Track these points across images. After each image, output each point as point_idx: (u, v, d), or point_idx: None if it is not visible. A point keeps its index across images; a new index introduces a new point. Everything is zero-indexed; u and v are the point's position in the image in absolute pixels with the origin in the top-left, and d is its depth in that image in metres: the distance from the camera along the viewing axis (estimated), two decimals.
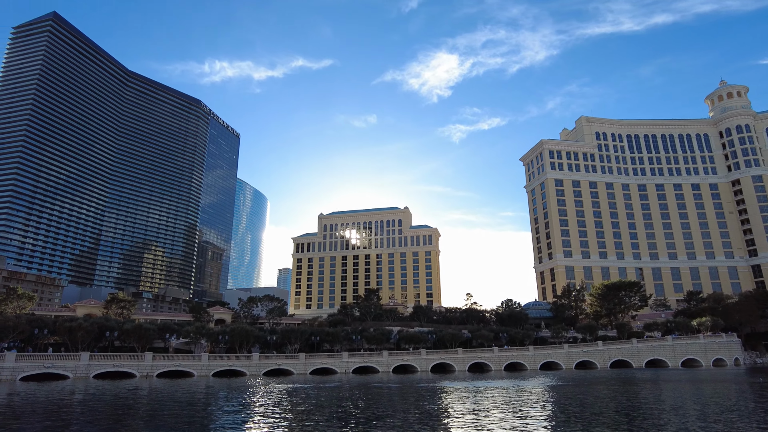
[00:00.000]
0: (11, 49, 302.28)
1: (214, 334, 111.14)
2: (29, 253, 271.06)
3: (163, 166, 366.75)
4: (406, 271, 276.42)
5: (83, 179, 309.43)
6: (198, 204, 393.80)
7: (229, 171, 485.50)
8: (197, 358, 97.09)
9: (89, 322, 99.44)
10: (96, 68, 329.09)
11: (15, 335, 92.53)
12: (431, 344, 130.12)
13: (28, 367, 78.44)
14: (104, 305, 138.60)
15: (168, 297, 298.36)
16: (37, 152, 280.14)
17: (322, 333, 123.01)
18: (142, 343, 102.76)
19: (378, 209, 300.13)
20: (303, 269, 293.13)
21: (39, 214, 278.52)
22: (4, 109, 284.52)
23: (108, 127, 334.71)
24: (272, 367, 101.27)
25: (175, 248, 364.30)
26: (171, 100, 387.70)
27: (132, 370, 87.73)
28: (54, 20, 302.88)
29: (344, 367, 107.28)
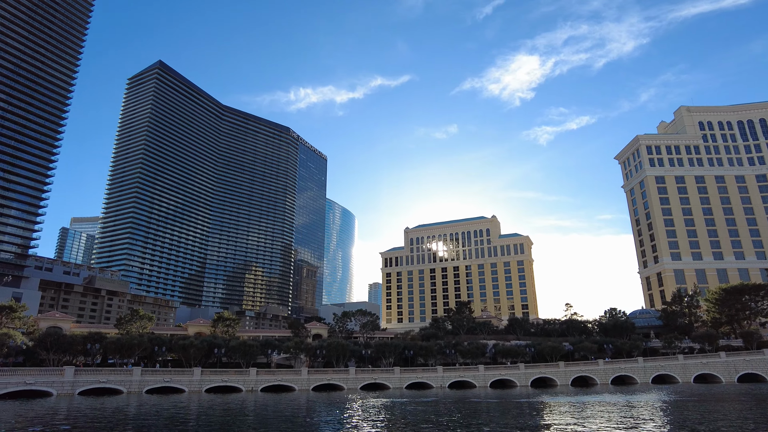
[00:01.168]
0: (127, 98, 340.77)
1: (312, 349, 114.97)
2: (147, 277, 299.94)
3: (259, 191, 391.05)
4: (498, 282, 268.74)
5: (189, 208, 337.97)
6: (292, 225, 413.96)
7: (318, 192, 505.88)
8: (297, 372, 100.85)
9: (200, 340, 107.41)
10: (196, 106, 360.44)
11: (139, 352, 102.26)
12: (530, 358, 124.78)
13: (152, 381, 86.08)
14: (212, 324, 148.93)
15: (268, 314, 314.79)
16: (150, 186, 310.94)
17: (416, 347, 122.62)
18: (247, 359, 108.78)
19: (464, 220, 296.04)
20: (392, 283, 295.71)
21: (154, 243, 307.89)
22: (123, 151, 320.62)
23: (208, 158, 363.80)
24: (368, 381, 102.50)
25: (273, 268, 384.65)
26: (263, 130, 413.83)
27: (239, 384, 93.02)
28: (159, 68, 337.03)
29: (440, 382, 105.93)
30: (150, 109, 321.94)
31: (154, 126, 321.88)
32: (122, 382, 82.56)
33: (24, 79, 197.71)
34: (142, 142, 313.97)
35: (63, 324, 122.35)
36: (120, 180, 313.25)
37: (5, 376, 72.06)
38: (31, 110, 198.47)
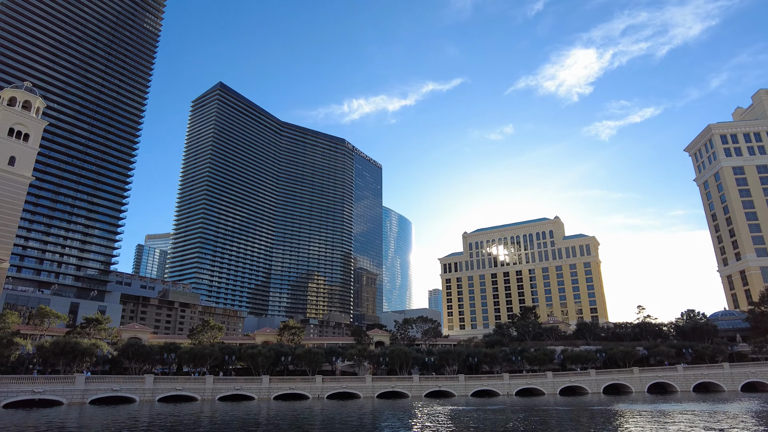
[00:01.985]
0: (192, 119, 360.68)
1: (375, 356, 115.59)
2: (216, 289, 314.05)
3: (318, 202, 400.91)
4: (563, 285, 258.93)
5: (253, 221, 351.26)
6: (351, 234, 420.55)
7: (374, 200, 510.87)
8: (361, 380, 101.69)
9: (267, 348, 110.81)
10: (255, 123, 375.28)
11: (211, 361, 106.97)
12: (600, 364, 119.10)
13: (223, 389, 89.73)
14: (278, 332, 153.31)
15: (331, 322, 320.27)
16: (216, 202, 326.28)
17: (480, 354, 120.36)
18: (312, 367, 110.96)
19: (525, 222, 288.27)
20: (452, 289, 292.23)
21: (221, 256, 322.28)
22: (190, 170, 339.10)
23: (269, 173, 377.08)
24: (432, 388, 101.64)
25: (334, 276, 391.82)
26: (319, 143, 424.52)
27: (305, 392, 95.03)
28: (220, 89, 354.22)
29: (506, 389, 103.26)
30: (213, 129, 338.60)
31: (218, 145, 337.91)
32: (197, 390, 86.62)
33: (102, 112, 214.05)
34: (207, 160, 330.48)
35: (142, 335, 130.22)
36: (188, 197, 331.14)
37: (96, 382, 77.64)
38: (110, 138, 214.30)
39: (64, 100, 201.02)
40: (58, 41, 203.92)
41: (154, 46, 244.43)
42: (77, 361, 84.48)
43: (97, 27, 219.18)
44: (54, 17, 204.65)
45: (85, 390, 75.23)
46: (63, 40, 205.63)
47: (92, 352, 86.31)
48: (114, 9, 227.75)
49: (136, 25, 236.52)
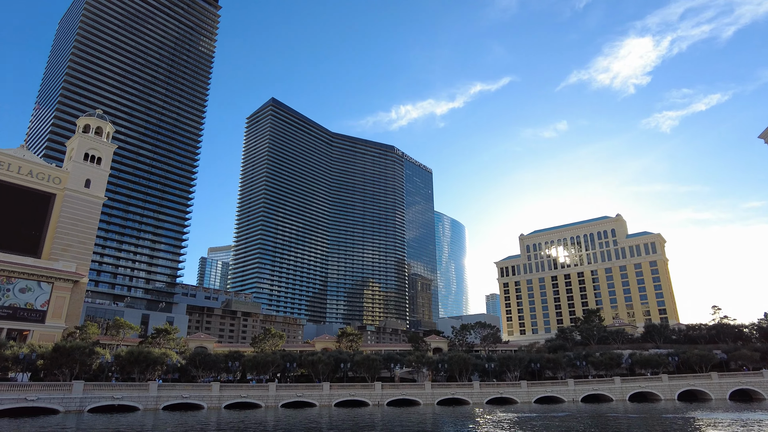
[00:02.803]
0: (247, 135, 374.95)
1: (433, 363, 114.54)
2: (276, 298, 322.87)
3: (370, 209, 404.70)
4: (629, 286, 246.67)
5: (309, 231, 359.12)
6: (403, 240, 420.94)
7: (426, 205, 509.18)
8: (421, 387, 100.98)
9: (326, 355, 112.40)
10: (307, 136, 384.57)
11: (273, 368, 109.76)
12: (673, 368, 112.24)
13: (286, 396, 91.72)
14: (336, 339, 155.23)
15: (388, 329, 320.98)
16: (273, 214, 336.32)
17: (542, 359, 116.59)
18: (371, 373, 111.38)
19: (585, 221, 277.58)
20: (511, 293, 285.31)
21: (280, 265, 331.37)
22: (247, 184, 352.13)
23: (322, 183, 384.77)
24: (494, 395, 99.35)
25: (389, 283, 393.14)
26: (369, 151, 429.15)
27: (365, 398, 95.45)
28: (273, 105, 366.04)
29: (571, 396, 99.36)
30: (268, 144, 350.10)
31: (273, 158, 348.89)
32: (260, 397, 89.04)
33: (164, 133, 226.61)
34: (263, 174, 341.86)
35: (207, 344, 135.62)
36: (247, 210, 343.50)
37: (167, 390, 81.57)
38: (172, 158, 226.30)
39: (130, 123, 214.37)
40: (124, 70, 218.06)
41: (209, 68, 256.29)
42: (150, 369, 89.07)
43: (157, 54, 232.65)
44: (120, 49, 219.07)
45: (158, 397, 79.16)
46: (128, 69, 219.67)
47: (163, 361, 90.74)
48: (172, 36, 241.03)
49: (192, 49, 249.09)
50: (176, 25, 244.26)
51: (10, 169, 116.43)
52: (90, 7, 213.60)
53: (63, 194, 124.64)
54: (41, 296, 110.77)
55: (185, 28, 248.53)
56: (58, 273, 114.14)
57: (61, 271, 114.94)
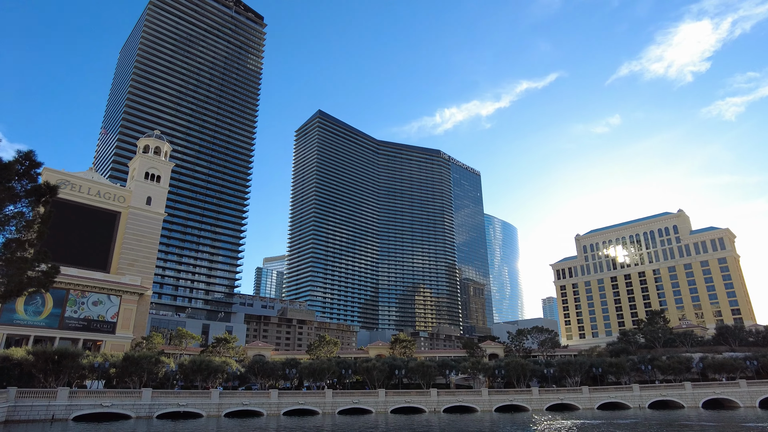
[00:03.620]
0: (296, 148, 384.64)
1: (490, 369, 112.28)
2: (329, 305, 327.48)
3: (418, 215, 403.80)
4: (695, 285, 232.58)
5: (358, 238, 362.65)
6: (453, 244, 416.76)
7: (475, 208, 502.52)
8: (478, 393, 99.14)
9: (381, 362, 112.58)
10: (354, 145, 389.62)
11: (329, 375, 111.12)
12: (752, 373, 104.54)
13: (342, 403, 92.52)
14: (390, 346, 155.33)
15: (441, 334, 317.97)
16: (324, 223, 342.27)
17: (604, 364, 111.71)
18: (426, 380, 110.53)
19: (644, 218, 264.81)
20: (568, 296, 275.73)
21: (332, 273, 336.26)
22: (298, 195, 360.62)
23: (369, 191, 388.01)
24: (554, 401, 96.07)
25: (440, 288, 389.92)
26: (414, 156, 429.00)
27: (421, 405, 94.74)
28: (320, 117, 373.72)
29: (637, 402, 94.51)
30: (316, 155, 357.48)
31: (321, 169, 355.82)
32: (317, 404, 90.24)
33: (218, 150, 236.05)
34: (313, 184, 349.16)
35: (265, 352, 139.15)
36: (298, 220, 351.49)
37: (228, 397, 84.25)
38: (226, 173, 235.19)
39: (186, 142, 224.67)
40: (179, 92, 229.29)
41: (257, 84, 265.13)
42: (211, 377, 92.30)
43: (209, 74, 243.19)
44: (175, 72, 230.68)
45: (219, 404, 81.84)
46: (183, 90, 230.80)
47: (223, 369, 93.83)
48: (221, 56, 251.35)
49: (240, 67, 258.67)
50: (225, 46, 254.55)
51: (81, 190, 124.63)
52: (147, 35, 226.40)
53: (127, 212, 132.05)
54: (111, 308, 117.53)
55: (234, 48, 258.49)
56: (126, 286, 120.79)
57: (128, 285, 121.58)
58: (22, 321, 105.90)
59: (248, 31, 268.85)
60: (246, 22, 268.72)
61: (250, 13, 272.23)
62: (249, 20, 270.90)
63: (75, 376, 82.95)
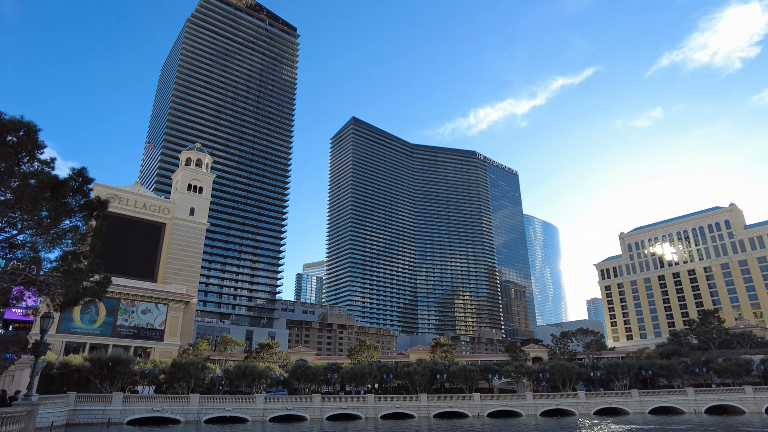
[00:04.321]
0: (332, 155, 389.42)
1: (534, 373, 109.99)
2: (368, 310, 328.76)
3: (455, 217, 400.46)
4: (752, 283, 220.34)
5: (395, 242, 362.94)
6: (492, 246, 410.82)
7: (514, 209, 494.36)
8: (521, 397, 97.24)
9: (422, 366, 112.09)
10: (388, 150, 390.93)
11: (370, 380, 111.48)
12: None
13: (384, 408, 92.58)
14: (430, 350, 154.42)
15: (483, 338, 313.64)
16: (360, 228, 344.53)
17: (654, 366, 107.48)
18: (468, 384, 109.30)
19: (692, 214, 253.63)
20: (614, 297, 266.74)
21: (370, 278, 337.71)
22: (335, 202, 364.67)
23: (404, 195, 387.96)
24: (602, 405, 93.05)
25: (480, 291, 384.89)
26: (449, 158, 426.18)
27: (464, 410, 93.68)
28: (354, 124, 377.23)
29: (692, 406, 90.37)
30: (351, 162, 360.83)
31: (357, 175, 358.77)
32: (360, 409, 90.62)
33: (257, 160, 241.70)
34: (349, 190, 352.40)
35: (307, 357, 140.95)
36: (336, 226, 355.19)
37: (272, 402, 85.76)
38: (265, 182, 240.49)
39: (226, 153, 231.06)
40: (217, 105, 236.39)
41: (292, 94, 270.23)
42: (256, 382, 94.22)
43: (245, 86, 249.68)
44: (214, 86, 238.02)
45: (264, 409, 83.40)
46: (221, 103, 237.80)
47: (267, 374, 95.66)
48: (257, 68, 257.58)
49: (276, 78, 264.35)
50: (260, 58, 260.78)
51: (128, 203, 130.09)
52: (186, 51, 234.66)
53: (172, 223, 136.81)
54: (159, 317, 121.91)
55: (269, 60, 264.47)
56: (172, 295, 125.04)
57: (174, 293, 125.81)
58: (78, 329, 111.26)
59: (282, 43, 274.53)
60: (279, 34, 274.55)
61: (284, 25, 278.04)
62: (282, 32, 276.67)
63: (127, 381, 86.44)
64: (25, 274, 32.31)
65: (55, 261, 33.88)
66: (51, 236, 32.16)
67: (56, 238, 32.48)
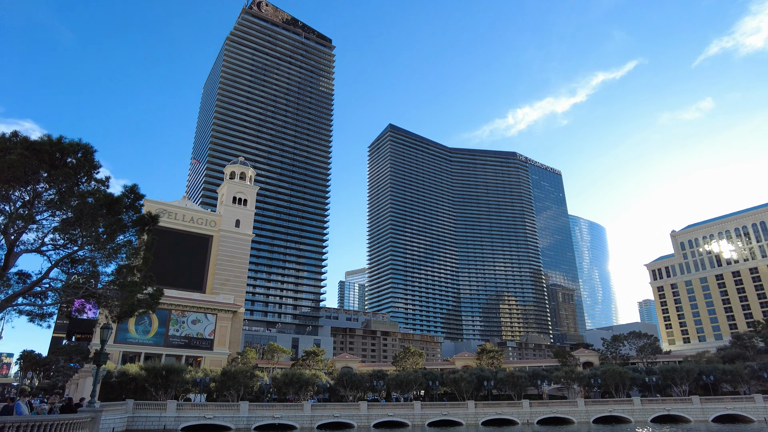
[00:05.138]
0: (370, 162, 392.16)
1: (584, 378, 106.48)
2: (411, 316, 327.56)
3: (497, 220, 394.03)
4: None
5: (436, 247, 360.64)
6: (537, 249, 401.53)
7: (558, 210, 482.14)
8: (573, 404, 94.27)
9: (468, 373, 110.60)
10: (425, 155, 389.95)
11: (416, 387, 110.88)
12: None
13: (431, 415, 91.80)
14: (476, 356, 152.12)
15: (530, 344, 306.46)
16: (400, 235, 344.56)
17: (716, 371, 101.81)
18: (517, 391, 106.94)
19: (751, 209, 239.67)
20: (668, 298, 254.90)
21: (412, 284, 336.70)
22: (374, 209, 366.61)
23: (444, 199, 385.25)
24: (659, 413, 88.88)
25: (526, 295, 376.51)
26: (489, 161, 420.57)
27: (513, 417, 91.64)
28: (391, 131, 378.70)
29: (761, 414, 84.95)
30: (389, 169, 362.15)
31: (395, 181, 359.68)
32: (406, 416, 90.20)
33: (297, 171, 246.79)
34: (387, 197, 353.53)
35: (352, 364, 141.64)
36: (376, 233, 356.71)
37: (320, 409, 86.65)
38: (306, 192, 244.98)
39: (268, 165, 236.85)
40: (258, 119, 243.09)
41: (330, 105, 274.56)
42: (303, 390, 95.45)
43: (284, 100, 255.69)
44: (254, 101, 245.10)
45: (312, 416, 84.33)
46: (262, 117, 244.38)
47: (313, 381, 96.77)
48: (295, 81, 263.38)
49: (313, 90, 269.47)
50: (298, 71, 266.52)
51: (176, 217, 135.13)
52: (227, 68, 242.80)
53: (218, 235, 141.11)
54: (208, 326, 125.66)
55: (306, 72, 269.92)
56: (220, 305, 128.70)
57: (223, 303, 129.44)
58: (133, 340, 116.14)
59: (318, 55, 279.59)
60: (315, 47, 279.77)
61: (319, 38, 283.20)
62: (318, 44, 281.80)
63: (180, 389, 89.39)
64: (85, 287, 34.12)
65: (111, 274, 35.60)
66: (107, 251, 33.85)
67: (112, 253, 34.16)
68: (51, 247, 32.85)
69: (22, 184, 30.91)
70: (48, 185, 32.09)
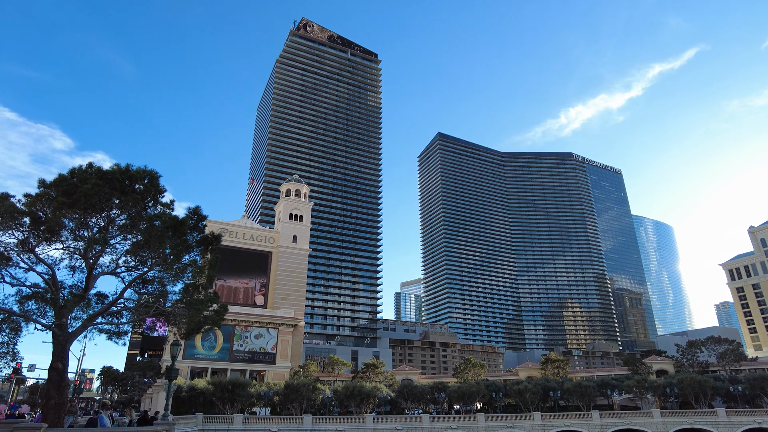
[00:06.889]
0: (420, 172, 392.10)
1: (659, 387, 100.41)
2: (470, 326, 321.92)
3: (555, 224, 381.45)
4: None
5: (492, 255, 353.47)
6: (600, 252, 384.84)
7: (620, 210, 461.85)
8: (648, 415, 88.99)
9: (532, 383, 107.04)
10: (476, 161, 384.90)
11: (479, 399, 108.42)
12: None
13: (495, 427, 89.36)
14: (540, 366, 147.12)
15: (597, 352, 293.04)
16: (455, 243, 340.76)
17: None
18: (585, 401, 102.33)
19: None
20: (749, 299, 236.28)
21: (469, 294, 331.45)
22: (427, 218, 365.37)
23: (498, 205, 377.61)
24: (749, 425, 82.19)
25: (591, 302, 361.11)
26: (544, 163, 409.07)
27: (582, 429, 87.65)
28: (440, 139, 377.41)
29: None
30: (440, 177, 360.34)
31: (447, 189, 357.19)
32: (470, 428, 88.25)
33: (349, 185, 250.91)
34: (440, 206, 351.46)
35: (412, 376, 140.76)
36: (430, 243, 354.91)
37: (381, 422, 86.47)
38: (358, 205, 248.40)
39: (321, 181, 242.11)
40: (310, 136, 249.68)
41: (378, 118, 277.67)
42: (364, 402, 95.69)
43: (334, 116, 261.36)
44: (305, 119, 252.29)
45: (374, 429, 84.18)
46: (313, 134, 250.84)
47: (374, 394, 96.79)
48: (344, 97, 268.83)
49: (362, 105, 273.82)
50: (346, 88, 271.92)
51: (237, 236, 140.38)
52: (278, 89, 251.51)
53: (277, 251, 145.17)
54: (270, 340, 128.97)
55: (354, 88, 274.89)
56: (281, 319, 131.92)
57: (283, 317, 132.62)
58: (200, 355, 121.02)
59: (365, 70, 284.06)
60: (362, 62, 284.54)
61: (364, 53, 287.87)
62: (364, 59, 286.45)
63: (246, 403, 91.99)
64: (155, 306, 36.02)
65: (178, 293, 37.37)
66: (175, 271, 35.63)
67: (179, 273, 35.91)
68: (124, 269, 35.04)
69: (98, 210, 33.26)
70: (120, 210, 34.37)
